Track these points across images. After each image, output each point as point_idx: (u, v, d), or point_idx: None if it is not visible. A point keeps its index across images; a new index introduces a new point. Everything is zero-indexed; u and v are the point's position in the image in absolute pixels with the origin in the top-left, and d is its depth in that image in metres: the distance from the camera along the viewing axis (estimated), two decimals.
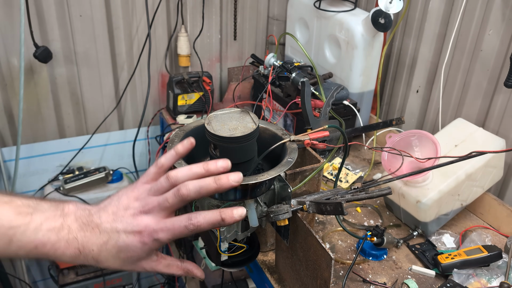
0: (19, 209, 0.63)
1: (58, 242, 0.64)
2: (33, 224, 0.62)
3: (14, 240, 0.61)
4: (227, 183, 0.69)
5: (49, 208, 0.65)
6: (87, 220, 0.67)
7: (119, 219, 0.68)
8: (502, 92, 1.45)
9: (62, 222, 0.65)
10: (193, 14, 1.96)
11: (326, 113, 1.38)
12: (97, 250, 0.67)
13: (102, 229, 0.67)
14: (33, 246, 0.63)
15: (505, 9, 1.40)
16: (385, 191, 0.93)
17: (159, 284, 2.44)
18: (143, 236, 0.68)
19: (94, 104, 1.96)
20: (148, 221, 0.69)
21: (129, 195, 0.71)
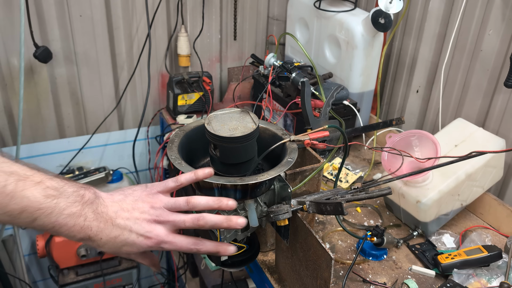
0: (48, 192, 0.68)
1: (74, 226, 0.70)
2: (57, 209, 0.68)
3: (38, 219, 0.67)
4: (235, 225, 0.81)
5: (72, 194, 0.71)
6: (102, 211, 0.74)
7: (133, 219, 0.76)
8: (502, 92, 1.45)
9: (80, 209, 0.71)
10: (193, 14, 1.96)
11: (326, 113, 1.38)
12: (105, 239, 0.74)
13: (115, 223, 0.74)
14: (52, 226, 0.69)
15: (505, 9, 1.40)
16: (385, 191, 0.93)
17: (159, 284, 2.44)
18: (152, 241, 0.77)
19: (94, 104, 1.96)
20: (160, 231, 0.77)
21: (144, 200, 0.79)
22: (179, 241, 0.79)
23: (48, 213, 0.68)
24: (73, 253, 1.98)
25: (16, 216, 0.66)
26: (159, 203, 0.79)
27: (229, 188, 0.88)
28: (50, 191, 0.68)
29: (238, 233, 0.99)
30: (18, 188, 0.65)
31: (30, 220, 0.67)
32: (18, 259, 2.03)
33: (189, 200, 0.79)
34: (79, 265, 2.05)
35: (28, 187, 0.66)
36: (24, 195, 0.65)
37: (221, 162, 0.91)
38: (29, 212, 0.66)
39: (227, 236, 0.97)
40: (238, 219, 0.81)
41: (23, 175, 0.67)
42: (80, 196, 0.72)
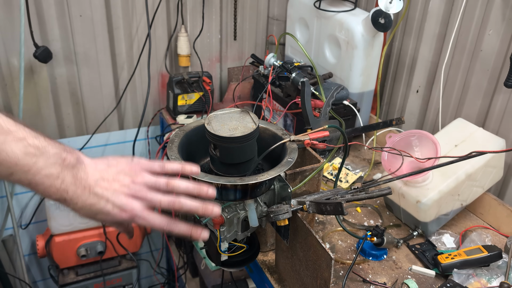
0: (28, 149, 0.68)
1: (50, 187, 0.71)
2: (34, 168, 0.68)
3: (14, 174, 0.68)
4: (210, 213, 0.80)
5: (53, 155, 0.71)
6: (81, 177, 0.74)
7: (111, 190, 0.76)
8: (502, 92, 1.45)
9: (59, 171, 0.71)
10: (193, 14, 1.96)
11: (326, 113, 1.38)
12: (80, 205, 0.74)
13: (93, 191, 0.75)
14: (28, 183, 0.70)
15: (505, 9, 1.40)
16: (385, 191, 0.93)
17: (159, 284, 2.44)
18: (126, 214, 0.77)
19: (94, 104, 1.96)
20: (136, 206, 0.77)
21: (126, 173, 0.79)
22: (152, 219, 0.79)
23: (25, 170, 0.68)
24: (73, 253, 1.99)
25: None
26: (141, 179, 0.79)
27: (229, 188, 0.88)
28: (31, 149, 0.68)
29: (238, 233, 0.99)
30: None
31: (6, 173, 0.68)
32: (18, 259, 2.03)
33: (169, 183, 0.80)
34: (79, 265, 2.05)
35: (8, 141, 0.66)
36: (3, 149, 0.66)
37: (221, 162, 0.91)
38: (6, 166, 0.67)
39: (227, 236, 0.97)
40: (214, 208, 0.80)
41: (6, 129, 0.67)
42: (61, 159, 0.72)
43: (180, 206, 0.79)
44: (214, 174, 0.92)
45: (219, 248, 0.99)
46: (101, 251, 2.01)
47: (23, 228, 2.04)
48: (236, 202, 0.95)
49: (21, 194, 2.00)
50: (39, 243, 1.97)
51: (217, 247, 0.98)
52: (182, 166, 0.84)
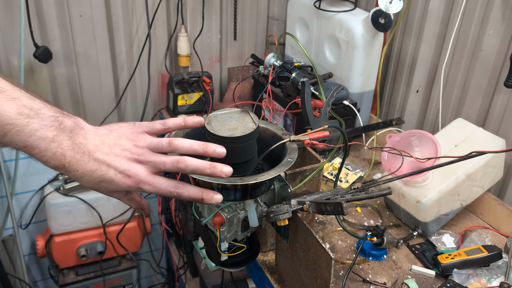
0: (22, 109, 0.65)
1: (45, 151, 0.68)
2: (28, 128, 0.66)
3: (8, 135, 0.65)
4: (219, 173, 0.75)
5: (49, 117, 0.68)
6: (80, 142, 0.70)
7: (113, 155, 0.73)
8: (502, 92, 1.45)
9: (55, 134, 0.68)
10: (193, 14, 1.96)
11: (326, 113, 1.38)
12: (81, 172, 0.71)
13: (93, 157, 0.71)
14: (23, 145, 0.67)
15: (505, 9, 1.40)
16: (385, 191, 0.93)
17: (159, 284, 2.44)
18: (131, 181, 0.73)
19: (94, 104, 1.96)
20: (140, 171, 0.74)
21: (128, 137, 0.75)
22: (158, 183, 0.75)
23: (18, 130, 0.65)
24: (73, 253, 1.99)
25: None
26: (143, 142, 0.75)
27: (229, 188, 0.88)
28: (24, 109, 0.65)
29: (238, 233, 0.99)
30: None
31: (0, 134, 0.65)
32: (18, 259, 2.03)
33: (171, 141, 0.75)
34: (79, 265, 2.06)
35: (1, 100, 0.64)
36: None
37: (221, 162, 0.91)
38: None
39: (227, 236, 0.97)
40: (224, 167, 0.75)
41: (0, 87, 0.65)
42: (58, 122, 0.69)
43: (185, 165, 0.74)
44: None
45: (219, 248, 0.99)
46: (101, 251, 2.01)
47: (23, 228, 2.04)
48: (236, 202, 0.95)
49: (21, 194, 2.01)
50: (39, 243, 1.97)
51: (217, 247, 0.98)
52: (184, 119, 0.80)
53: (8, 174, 1.92)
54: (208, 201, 0.77)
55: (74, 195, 1.90)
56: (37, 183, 1.99)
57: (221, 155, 0.76)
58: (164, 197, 2.10)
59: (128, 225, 1.96)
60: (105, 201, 1.94)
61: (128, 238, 2.04)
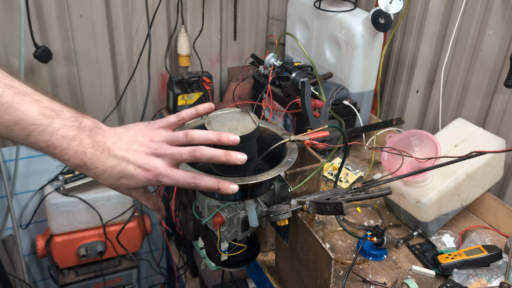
0: (44, 111, 0.69)
1: (67, 149, 0.71)
2: (50, 128, 0.69)
3: (31, 135, 0.68)
4: (234, 160, 0.77)
5: (69, 118, 0.72)
6: (100, 140, 0.74)
7: (131, 151, 0.76)
8: (502, 92, 1.45)
9: (76, 133, 0.71)
10: (193, 14, 1.96)
11: (326, 113, 1.38)
12: (101, 169, 0.74)
13: (112, 153, 0.74)
14: (46, 145, 0.70)
15: (505, 9, 1.40)
16: (385, 191, 0.93)
17: (159, 284, 2.44)
18: (150, 174, 0.76)
19: (94, 104, 1.96)
20: (158, 164, 0.77)
21: (145, 134, 0.79)
22: (177, 175, 0.77)
23: (41, 130, 0.68)
24: (73, 253, 1.99)
25: (11, 128, 0.67)
26: (159, 137, 0.79)
27: None
28: (46, 110, 0.69)
29: (238, 233, 0.99)
30: (15, 100, 0.66)
31: (24, 135, 0.68)
32: (18, 259, 2.03)
33: (187, 132, 0.78)
34: (79, 265, 2.05)
35: (25, 102, 0.67)
36: (19, 108, 0.67)
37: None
38: (23, 126, 0.67)
39: (227, 236, 0.97)
40: (238, 155, 0.77)
41: (23, 91, 0.68)
42: (78, 121, 0.72)
43: (201, 153, 0.76)
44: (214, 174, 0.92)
45: (219, 248, 0.99)
46: (101, 251, 2.01)
47: (23, 228, 2.04)
48: (236, 202, 0.95)
49: (21, 194, 2.01)
50: (39, 243, 1.97)
51: (217, 247, 0.98)
52: (196, 108, 0.84)
53: (8, 174, 1.92)
54: (225, 191, 0.78)
55: (74, 195, 1.90)
56: (37, 183, 1.99)
57: (235, 141, 0.79)
58: (164, 197, 2.10)
59: (128, 225, 1.97)
60: (105, 201, 1.94)
61: (128, 238, 2.04)
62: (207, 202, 0.96)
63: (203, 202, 0.96)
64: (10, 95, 0.67)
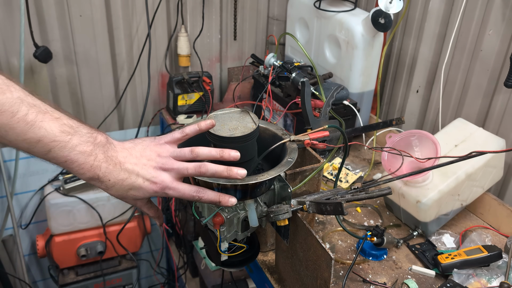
0: (64, 128, 0.74)
1: (84, 164, 0.76)
2: (70, 144, 0.74)
3: (52, 151, 0.73)
4: (235, 175, 0.83)
5: (85, 134, 0.77)
6: (112, 155, 0.79)
7: (140, 165, 0.81)
8: (502, 92, 1.45)
9: (92, 149, 0.76)
10: (193, 14, 1.96)
11: (326, 113, 1.38)
12: (113, 181, 0.79)
13: (123, 167, 0.80)
14: (64, 160, 0.75)
15: (505, 9, 1.40)
16: (385, 191, 0.93)
17: (159, 284, 2.44)
18: (157, 187, 0.82)
19: (94, 104, 1.96)
20: (165, 177, 0.82)
21: (152, 149, 0.84)
22: (182, 188, 0.83)
23: (61, 147, 0.73)
24: (73, 253, 1.99)
25: (33, 144, 0.71)
26: (166, 152, 0.84)
27: (229, 188, 0.88)
28: (66, 127, 0.74)
29: (238, 233, 0.99)
30: (38, 118, 0.71)
31: (45, 151, 0.73)
32: (18, 259, 2.03)
33: (193, 150, 0.84)
34: (79, 265, 2.05)
35: (47, 120, 0.72)
36: (42, 126, 0.71)
37: (221, 162, 0.91)
38: (45, 142, 0.72)
39: (227, 236, 0.97)
40: (239, 170, 0.83)
41: (44, 109, 0.73)
42: (93, 137, 0.77)
43: (206, 169, 0.82)
44: None
45: (219, 248, 0.99)
46: (101, 251, 2.01)
47: (23, 228, 2.04)
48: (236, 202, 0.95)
49: (21, 194, 2.01)
50: (39, 243, 1.97)
51: (217, 247, 0.98)
52: (198, 125, 0.88)
53: (8, 174, 1.92)
54: (225, 204, 0.85)
55: (74, 195, 1.90)
56: (37, 183, 1.99)
57: (236, 158, 0.84)
58: (164, 198, 2.10)
59: (128, 225, 1.97)
60: (105, 201, 1.95)
61: (128, 238, 2.04)
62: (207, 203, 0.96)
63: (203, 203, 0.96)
64: (33, 113, 0.71)
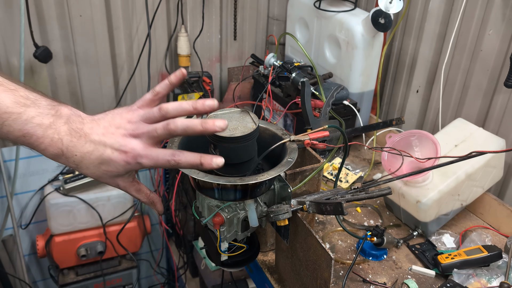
0: (18, 99, 0.69)
1: (43, 137, 0.69)
2: (25, 116, 0.68)
3: (5, 124, 0.67)
4: (212, 127, 0.72)
5: (45, 106, 0.70)
6: (77, 127, 0.72)
7: (108, 135, 0.73)
8: (502, 92, 1.45)
9: (52, 121, 0.70)
10: (193, 14, 1.96)
11: (326, 113, 1.38)
12: (79, 156, 0.72)
13: (89, 139, 0.72)
14: (21, 134, 0.69)
15: (505, 9, 1.40)
16: (385, 191, 0.93)
17: (159, 284, 2.44)
18: (128, 156, 0.73)
19: (94, 104, 1.96)
20: (136, 144, 0.73)
21: (122, 116, 0.76)
22: (155, 153, 0.73)
23: (15, 118, 0.67)
24: (73, 253, 1.99)
25: None
26: (136, 117, 0.75)
27: (229, 188, 0.88)
28: (21, 99, 0.69)
29: (238, 233, 0.99)
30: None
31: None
32: (18, 259, 2.03)
33: (161, 106, 0.75)
34: (79, 265, 2.05)
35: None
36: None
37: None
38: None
39: (227, 236, 0.97)
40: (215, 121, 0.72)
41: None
42: (54, 109, 0.71)
43: (175, 125, 0.72)
44: (214, 174, 0.92)
45: (219, 248, 0.99)
46: (101, 251, 2.01)
47: (23, 228, 2.04)
48: (236, 202, 0.95)
49: (21, 194, 2.01)
50: (39, 243, 1.97)
51: (217, 247, 0.98)
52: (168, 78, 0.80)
53: (8, 174, 1.92)
54: (208, 166, 0.73)
55: (74, 195, 1.90)
56: (37, 183, 1.99)
57: (212, 106, 0.75)
58: (164, 197, 2.10)
59: (128, 225, 1.96)
60: (105, 201, 1.94)
61: (128, 238, 2.04)
62: (207, 202, 0.96)
63: (203, 202, 0.96)
64: None
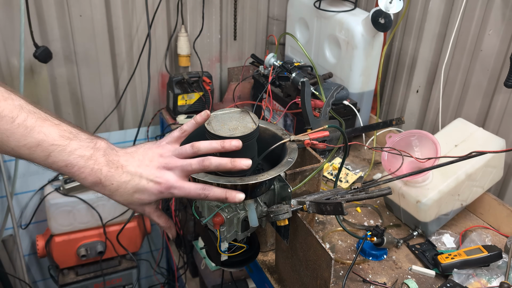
0: (63, 133, 0.77)
1: (84, 167, 0.77)
2: (69, 148, 0.76)
3: (51, 155, 0.75)
4: (239, 166, 0.82)
5: (85, 139, 0.79)
6: (113, 159, 0.80)
7: (143, 167, 0.81)
8: (502, 92, 1.45)
9: (92, 153, 0.78)
10: (193, 14, 1.96)
11: (326, 113, 1.38)
12: (116, 185, 0.80)
13: (126, 170, 0.80)
14: (64, 164, 0.76)
15: (505, 9, 1.40)
16: (385, 191, 0.93)
17: (159, 284, 2.44)
18: (162, 187, 0.82)
19: (94, 104, 1.96)
20: (169, 176, 0.82)
21: (154, 151, 0.84)
22: (187, 186, 0.82)
23: (60, 150, 0.75)
24: (73, 253, 1.99)
25: (33, 149, 0.74)
26: (168, 152, 0.84)
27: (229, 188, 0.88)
28: (65, 133, 0.77)
29: (238, 233, 0.99)
30: (38, 124, 0.74)
31: (44, 155, 0.75)
32: (18, 259, 2.03)
33: (193, 144, 0.84)
34: (79, 265, 2.06)
35: (46, 125, 0.75)
36: (41, 131, 0.74)
37: (224, 154, 0.91)
38: (44, 146, 0.74)
39: (227, 236, 0.97)
40: (243, 161, 0.82)
41: (44, 116, 0.76)
42: (93, 142, 0.79)
43: (209, 163, 0.81)
44: (214, 174, 0.92)
45: (219, 248, 0.99)
46: (101, 251, 2.01)
47: (23, 228, 2.04)
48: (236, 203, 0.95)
49: (21, 194, 2.01)
50: (39, 243, 1.97)
51: (217, 247, 0.98)
52: (194, 119, 0.88)
53: (8, 174, 1.92)
54: (232, 200, 0.83)
55: (74, 195, 1.90)
56: (37, 183, 1.99)
57: (238, 146, 0.83)
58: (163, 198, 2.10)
59: (128, 225, 1.96)
60: (105, 201, 1.94)
61: (128, 238, 2.04)
62: (207, 202, 0.96)
63: (203, 202, 0.96)
64: (33, 119, 0.74)
